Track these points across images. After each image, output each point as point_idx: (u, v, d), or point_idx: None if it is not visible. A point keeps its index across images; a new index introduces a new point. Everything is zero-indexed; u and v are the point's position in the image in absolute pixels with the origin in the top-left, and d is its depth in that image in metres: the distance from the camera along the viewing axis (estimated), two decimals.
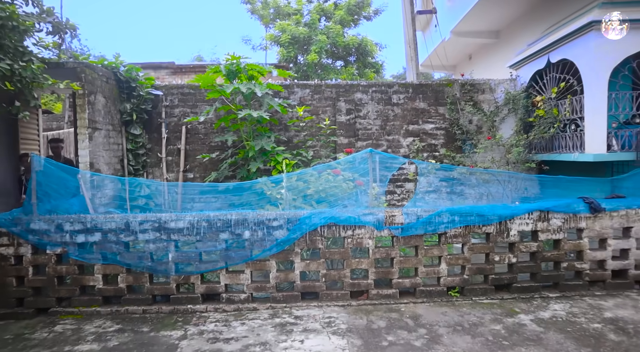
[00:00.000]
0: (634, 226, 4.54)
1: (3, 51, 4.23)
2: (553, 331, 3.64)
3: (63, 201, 4.89)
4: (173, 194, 6.53)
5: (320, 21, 26.64)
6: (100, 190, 6.26)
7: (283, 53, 24.93)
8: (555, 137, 6.66)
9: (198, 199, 6.15)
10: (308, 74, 24.80)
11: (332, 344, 3.49)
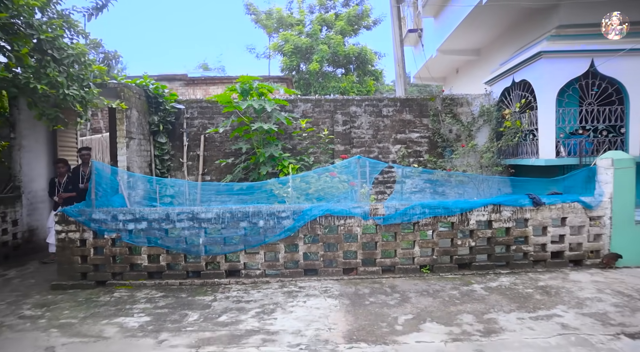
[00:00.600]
0: (568, 216, 5.71)
1: (72, 80, 5.43)
2: (495, 294, 4.80)
3: (109, 198, 6.09)
4: (193, 193, 7.71)
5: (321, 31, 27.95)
6: (134, 189, 7.44)
7: (286, 62, 26.24)
8: (519, 145, 7.84)
9: (215, 198, 7.32)
10: (310, 82, 26.08)
11: (327, 303, 4.66)
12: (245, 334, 3.91)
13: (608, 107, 6.92)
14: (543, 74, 6.78)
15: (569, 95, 6.97)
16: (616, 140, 6.90)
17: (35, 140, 7.67)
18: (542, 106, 6.92)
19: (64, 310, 4.65)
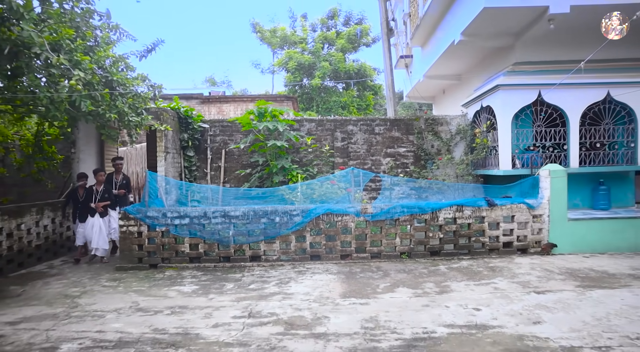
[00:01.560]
0: (515, 214, 7.34)
1: (132, 110, 7.11)
2: (454, 271, 6.40)
3: (153, 200, 7.73)
4: (216, 197, 9.34)
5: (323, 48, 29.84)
6: (169, 194, 9.08)
7: (290, 78, 28.11)
8: (486, 158, 9.49)
9: (233, 202, 8.94)
10: (312, 96, 27.93)
11: (328, 277, 6.26)
12: (269, 294, 5.52)
13: (553, 128, 8.58)
14: (501, 102, 8.46)
15: (522, 119, 8.64)
16: (560, 155, 8.54)
17: (88, 154, 9.33)
18: (501, 127, 8.58)
19: (132, 282, 6.27)
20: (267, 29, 31.52)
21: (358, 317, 4.58)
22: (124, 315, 4.81)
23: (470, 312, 4.63)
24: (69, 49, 5.92)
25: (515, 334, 4.02)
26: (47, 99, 5.71)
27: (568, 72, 7.80)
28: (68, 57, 5.81)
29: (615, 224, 7.43)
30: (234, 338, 4.09)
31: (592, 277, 5.87)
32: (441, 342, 3.89)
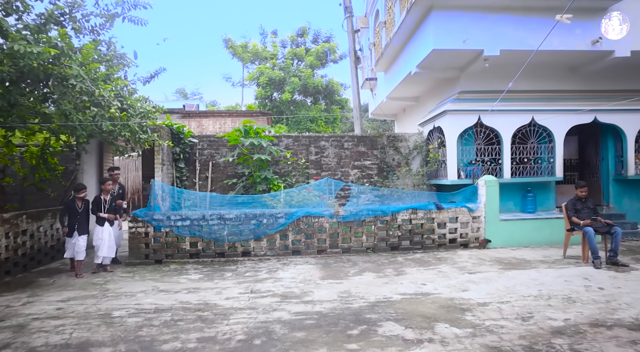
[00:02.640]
0: (459, 216, 9.05)
1: (140, 128, 8.39)
2: (409, 261, 7.99)
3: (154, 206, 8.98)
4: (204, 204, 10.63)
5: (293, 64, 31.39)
6: (165, 201, 10.32)
7: (261, 92, 29.45)
8: (437, 170, 11.24)
9: (220, 207, 10.26)
10: (282, 109, 29.35)
11: (309, 267, 7.71)
12: (263, 279, 6.92)
13: (491, 146, 10.44)
14: (449, 124, 10.24)
15: (466, 138, 10.46)
16: (496, 168, 10.39)
17: (90, 165, 10.45)
18: (449, 145, 10.35)
19: (145, 273, 7.52)
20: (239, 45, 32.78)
21: (335, 291, 6.07)
22: (151, 294, 6.11)
23: (418, 286, 6.20)
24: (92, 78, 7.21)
25: (449, 297, 5.62)
26: (79, 121, 6.96)
27: (502, 101, 9.64)
28: (94, 85, 7.10)
29: (536, 224, 9.28)
30: (244, 305, 5.49)
31: (513, 263, 7.60)
32: (396, 303, 5.43)
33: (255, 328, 4.61)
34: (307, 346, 4.09)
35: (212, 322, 4.84)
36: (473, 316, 4.82)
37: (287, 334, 4.42)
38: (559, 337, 4.12)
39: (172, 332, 4.52)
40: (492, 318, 4.74)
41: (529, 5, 9.35)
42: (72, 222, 7.62)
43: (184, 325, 4.76)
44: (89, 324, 4.84)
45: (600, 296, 5.51)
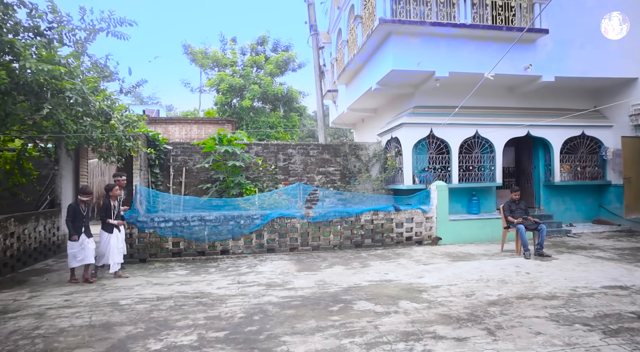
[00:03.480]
0: (414, 217, 10.29)
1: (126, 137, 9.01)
2: (372, 256, 9.08)
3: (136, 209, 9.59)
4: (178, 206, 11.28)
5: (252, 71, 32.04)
6: (142, 205, 10.89)
7: (221, 98, 29.91)
8: (395, 176, 12.50)
9: (194, 210, 10.98)
10: (242, 116, 29.94)
11: (284, 263, 8.63)
12: (245, 273, 7.77)
13: (441, 155, 11.83)
14: (405, 135, 11.53)
15: (420, 148, 11.79)
16: (446, 175, 11.78)
17: (67, 170, 10.83)
18: (405, 153, 11.63)
19: (133, 271, 8.14)
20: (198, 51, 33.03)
21: (312, 280, 7.04)
22: (147, 287, 6.82)
23: (382, 275, 7.29)
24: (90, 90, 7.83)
25: (408, 282, 6.74)
26: (73, 131, 7.55)
27: (451, 115, 11.02)
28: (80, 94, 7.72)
29: (480, 223, 10.70)
30: (235, 292, 6.35)
31: (460, 256, 8.89)
32: (365, 287, 6.48)
33: (251, 308, 5.50)
34: (298, 319, 5.04)
35: (212, 305, 5.68)
36: (428, 295, 5.96)
37: (280, 311, 5.35)
38: (493, 307, 5.32)
39: (180, 314, 5.33)
40: (443, 296, 5.89)
41: (474, 34, 10.81)
42: (78, 226, 7.30)
43: (188, 308, 5.57)
44: (102, 310, 5.54)
45: (526, 278, 6.82)
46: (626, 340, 4.13)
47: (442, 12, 10.73)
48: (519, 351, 3.93)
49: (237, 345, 4.24)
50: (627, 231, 11.97)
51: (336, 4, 15.10)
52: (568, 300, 5.56)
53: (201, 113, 36.95)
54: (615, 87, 12.66)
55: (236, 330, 4.69)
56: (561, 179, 12.46)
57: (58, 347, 4.28)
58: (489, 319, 4.85)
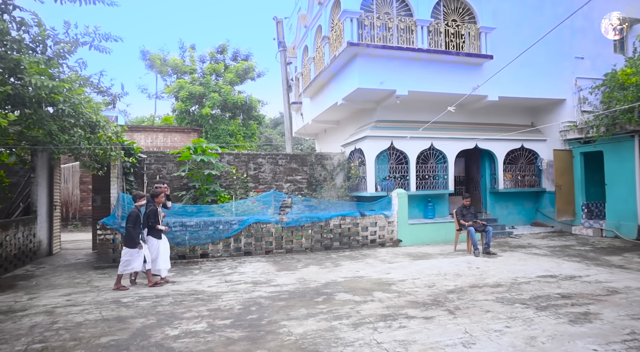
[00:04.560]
0: (377, 221, 11.34)
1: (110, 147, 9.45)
2: (341, 257, 10.02)
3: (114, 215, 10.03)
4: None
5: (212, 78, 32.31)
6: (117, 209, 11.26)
7: (180, 106, 29.99)
8: (358, 184, 13.56)
9: (169, 214, 11.48)
10: (201, 123, 30.16)
11: (263, 264, 9.38)
12: (229, 273, 8.46)
13: (401, 165, 13.03)
14: (368, 147, 12.62)
15: (381, 159, 12.93)
16: (405, 183, 12.98)
17: (43, 178, 11.04)
18: (368, 163, 12.71)
19: None
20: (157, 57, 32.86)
21: (293, 278, 7.87)
22: (141, 287, 7.38)
23: (354, 273, 8.23)
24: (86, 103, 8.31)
25: (377, 278, 7.71)
26: (65, 141, 8.00)
27: (409, 129, 12.24)
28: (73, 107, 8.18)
29: (435, 226, 11.92)
30: (226, 289, 7.06)
31: (419, 255, 10.01)
32: (342, 283, 7.38)
33: (245, 301, 6.26)
34: (290, 308, 5.87)
35: (209, 301, 6.38)
36: (397, 287, 6.95)
37: (272, 303, 6.15)
38: (451, 294, 6.38)
39: (183, 308, 6.00)
40: (409, 287, 6.91)
41: (430, 58, 12.10)
42: (139, 232, 7.44)
43: (188, 303, 6.24)
44: (108, 307, 6.11)
45: (477, 272, 8.00)
46: (552, 312, 5.30)
47: (402, 37, 11.95)
48: (474, 323, 4.98)
49: (245, 329, 5.02)
50: (558, 231, 13.66)
51: (303, 22, 16.08)
52: (510, 287, 6.74)
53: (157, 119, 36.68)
54: (549, 106, 14.43)
55: (239, 318, 5.45)
56: (504, 186, 14.01)
57: (85, 337, 4.87)
58: (448, 303, 5.90)
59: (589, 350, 4.12)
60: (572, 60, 13.92)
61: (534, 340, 4.42)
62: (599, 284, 6.86)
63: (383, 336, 4.64)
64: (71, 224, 17.53)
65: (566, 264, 8.64)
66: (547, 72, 13.47)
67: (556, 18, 13.67)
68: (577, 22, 13.87)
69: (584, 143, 13.07)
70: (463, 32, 12.67)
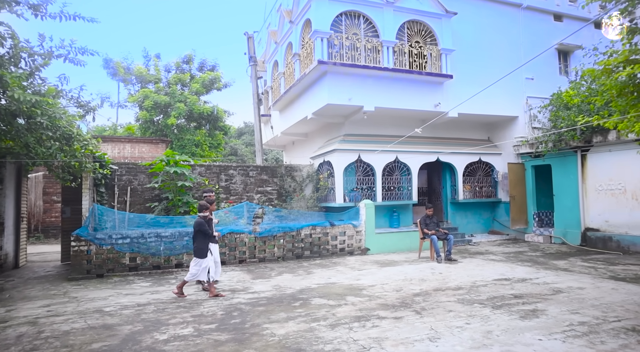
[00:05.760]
0: (346, 231, 11.89)
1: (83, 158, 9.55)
2: (313, 265, 10.47)
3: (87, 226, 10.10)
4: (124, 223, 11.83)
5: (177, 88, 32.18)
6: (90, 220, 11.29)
7: (145, 115, 29.71)
8: (327, 195, 14.10)
9: (145, 227, 11.62)
10: (166, 133, 29.97)
11: (237, 273, 9.69)
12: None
13: (368, 177, 13.68)
14: (336, 160, 13.21)
15: (349, 171, 13.55)
16: (372, 194, 13.63)
17: (10, 189, 10.94)
18: (336, 175, 13.29)
19: (95, 284, 8.73)
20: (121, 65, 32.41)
21: (268, 285, 8.26)
22: (121, 296, 7.57)
23: (326, 279, 8.71)
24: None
25: (349, 284, 8.22)
26: (42, 154, 8.11)
27: (376, 143, 12.92)
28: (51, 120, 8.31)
29: (400, 235, 12.60)
30: (205, 297, 7.36)
31: (386, 263, 10.61)
32: (316, 289, 7.84)
33: (226, 308, 6.61)
34: (270, 312, 6.27)
35: (191, 308, 6.69)
36: (367, 292, 7.48)
37: (252, 308, 6.53)
38: (417, 297, 6.98)
39: (167, 314, 6.29)
40: (379, 292, 7.46)
41: (395, 76, 12.88)
42: (208, 242, 7.62)
43: (171, 310, 6.53)
44: (92, 316, 6.30)
45: (440, 277, 8.66)
46: (506, 310, 5.97)
47: (369, 56, 12.68)
48: (438, 321, 5.56)
49: (230, 332, 5.39)
50: (513, 239, 14.68)
51: (273, 38, 16.61)
52: (470, 289, 7.41)
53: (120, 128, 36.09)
54: (503, 122, 15.55)
55: (223, 323, 5.81)
56: (464, 197, 14.92)
57: (76, 344, 5.10)
58: (415, 305, 6.48)
59: (535, 339, 4.77)
60: (524, 80, 15.12)
61: (490, 334, 5.03)
62: (546, 285, 7.65)
63: (358, 334, 5.14)
64: (33, 236, 17.12)
65: (519, 268, 9.46)
66: (501, 91, 14.54)
67: (511, 40, 14.88)
68: (527, 47, 15.11)
69: (534, 157, 14.18)
70: (425, 53, 13.55)
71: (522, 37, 15.32)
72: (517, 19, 15.32)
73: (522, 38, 15.31)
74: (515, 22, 15.30)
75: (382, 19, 12.82)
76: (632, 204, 11.34)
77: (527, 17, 15.48)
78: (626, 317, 5.59)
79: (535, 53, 14.95)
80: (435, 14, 13.46)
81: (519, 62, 14.90)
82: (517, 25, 15.32)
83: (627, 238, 11.40)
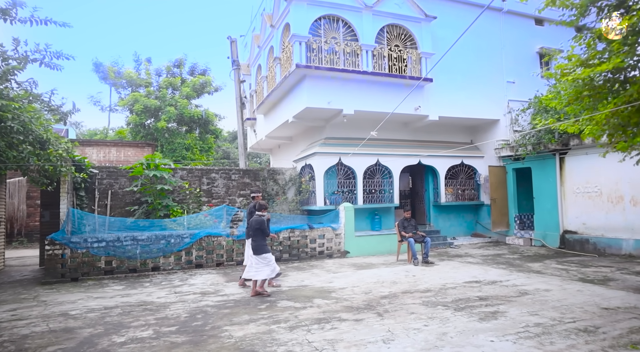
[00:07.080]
0: (325, 234, 11.92)
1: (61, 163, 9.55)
2: (290, 268, 10.50)
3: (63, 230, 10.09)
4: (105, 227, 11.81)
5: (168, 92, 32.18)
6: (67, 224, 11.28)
7: (135, 119, 29.68)
8: (309, 198, 14.13)
9: (123, 230, 11.61)
10: (157, 137, 29.94)
11: (213, 276, 9.70)
12: (179, 285, 8.74)
13: (349, 180, 13.73)
14: (317, 163, 13.26)
15: (330, 174, 13.59)
16: (353, 197, 13.68)
17: None
18: (317, 179, 13.33)
19: (68, 288, 8.71)
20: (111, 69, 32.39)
21: (240, 288, 8.27)
22: (90, 300, 7.56)
23: (299, 282, 8.73)
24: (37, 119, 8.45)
25: (320, 286, 8.25)
26: (14, 158, 8.11)
27: (357, 146, 12.96)
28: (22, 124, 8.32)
29: (381, 238, 12.64)
30: (175, 300, 7.37)
31: (363, 266, 10.64)
32: (285, 291, 7.86)
33: (192, 310, 6.62)
34: (234, 315, 6.29)
35: (157, 310, 6.70)
36: (336, 294, 7.52)
37: (217, 311, 6.55)
38: (384, 299, 7.01)
39: (131, 317, 6.29)
40: (348, 294, 7.49)
41: (375, 80, 12.96)
42: (266, 240, 8.03)
43: (137, 313, 6.53)
44: (56, 320, 6.30)
45: (412, 279, 8.71)
46: (467, 312, 6.02)
47: (349, 60, 12.76)
48: (397, 323, 5.60)
49: (189, 334, 5.41)
50: (495, 241, 14.75)
51: (257, 42, 16.67)
52: (438, 292, 7.46)
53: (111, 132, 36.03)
54: (485, 126, 15.65)
55: (184, 325, 5.83)
56: (446, 200, 14.99)
57: (30, 347, 5.10)
58: (379, 307, 6.51)
59: (487, 341, 4.81)
60: (505, 84, 15.24)
61: (445, 335, 5.07)
62: (514, 287, 7.71)
63: (315, 336, 5.16)
64: (16, 241, 17.06)
65: (493, 271, 9.52)
66: (482, 94, 14.67)
67: (492, 44, 15.00)
68: (509, 51, 15.24)
69: (515, 160, 14.28)
70: (405, 57, 13.64)
71: (503, 41, 15.44)
72: (498, 23, 15.45)
73: (503, 42, 15.44)
74: (496, 27, 15.42)
75: (361, 23, 12.90)
76: (608, 206, 11.43)
77: (507, 22, 15.61)
78: (582, 318, 5.65)
79: (516, 57, 15.10)
80: (414, 18, 13.56)
81: (500, 66, 15.06)
82: (498, 30, 15.44)
83: (603, 240, 11.49)
